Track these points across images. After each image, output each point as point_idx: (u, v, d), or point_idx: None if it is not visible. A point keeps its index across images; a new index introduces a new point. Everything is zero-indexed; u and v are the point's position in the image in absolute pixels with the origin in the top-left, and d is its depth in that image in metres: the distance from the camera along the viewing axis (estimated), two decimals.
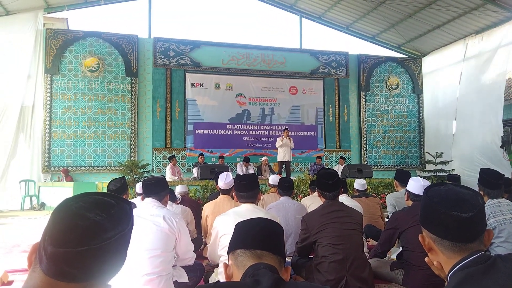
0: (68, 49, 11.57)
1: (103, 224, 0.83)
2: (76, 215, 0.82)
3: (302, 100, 13.62)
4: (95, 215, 0.83)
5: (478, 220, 1.12)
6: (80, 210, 0.83)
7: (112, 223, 0.84)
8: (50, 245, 0.79)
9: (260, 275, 1.14)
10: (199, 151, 12.05)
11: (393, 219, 3.24)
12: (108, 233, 0.82)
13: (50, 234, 0.80)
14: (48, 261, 0.79)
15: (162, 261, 2.54)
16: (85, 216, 0.82)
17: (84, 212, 0.83)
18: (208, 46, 12.88)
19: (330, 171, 3.27)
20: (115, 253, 0.85)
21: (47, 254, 0.79)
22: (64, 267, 0.78)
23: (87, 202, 0.86)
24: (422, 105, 14.65)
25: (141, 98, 12.15)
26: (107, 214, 0.85)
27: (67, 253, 0.78)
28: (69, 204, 0.85)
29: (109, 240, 0.82)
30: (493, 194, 3.23)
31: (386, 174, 12.83)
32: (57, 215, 0.83)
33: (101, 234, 0.81)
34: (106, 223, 0.83)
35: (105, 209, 0.85)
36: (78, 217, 0.81)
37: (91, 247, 0.79)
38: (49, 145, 11.19)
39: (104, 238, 0.81)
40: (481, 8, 11.40)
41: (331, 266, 2.85)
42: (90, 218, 0.82)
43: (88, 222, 0.81)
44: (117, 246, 0.85)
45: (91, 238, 0.80)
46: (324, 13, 14.26)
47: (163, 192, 2.87)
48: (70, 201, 0.86)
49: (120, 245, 0.86)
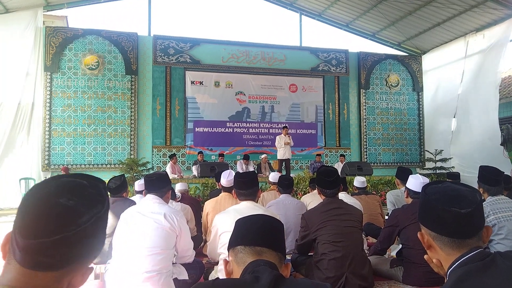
0: (67, 47, 11.56)
1: (77, 209, 0.77)
2: (47, 202, 0.77)
3: (302, 98, 13.62)
4: (66, 200, 0.77)
5: (476, 216, 1.12)
6: (50, 197, 0.77)
7: (86, 206, 0.79)
8: (21, 237, 0.74)
9: (260, 272, 1.14)
10: (199, 149, 12.05)
11: (393, 216, 3.24)
12: (83, 217, 0.77)
13: (20, 225, 0.76)
14: (21, 253, 0.75)
15: (162, 258, 2.54)
16: (57, 202, 0.77)
17: (55, 198, 0.77)
18: (208, 44, 12.86)
19: (330, 168, 3.28)
20: (93, 236, 0.81)
21: (19, 246, 0.75)
22: (40, 257, 0.75)
23: (57, 187, 0.80)
24: (422, 103, 14.64)
25: (141, 96, 12.14)
26: (80, 197, 0.79)
27: (41, 243, 0.73)
28: (38, 191, 0.79)
29: (85, 225, 0.77)
30: (493, 191, 3.23)
31: (386, 171, 12.81)
32: (26, 204, 0.78)
33: (75, 219, 0.76)
34: (80, 207, 0.78)
35: (77, 192, 0.80)
36: (49, 205, 0.76)
37: (66, 234, 0.74)
38: (49, 143, 11.19)
39: (79, 223, 0.76)
40: (482, 6, 11.38)
41: (331, 264, 2.85)
42: (62, 204, 0.76)
43: (60, 209, 0.76)
44: (94, 230, 0.80)
45: (65, 225, 0.75)
46: (324, 11, 14.23)
47: (164, 189, 2.85)
48: (39, 188, 0.80)
49: (97, 228, 0.81)
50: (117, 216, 2.82)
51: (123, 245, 2.59)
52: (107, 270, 2.71)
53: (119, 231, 2.67)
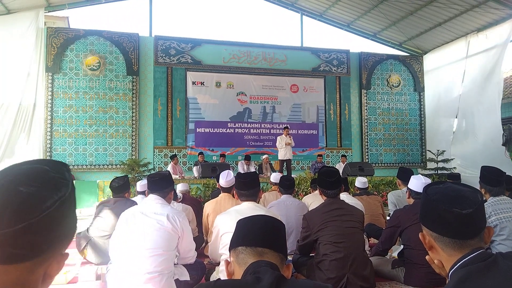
0: (69, 48, 11.58)
1: (40, 194, 0.74)
2: (6, 191, 0.72)
3: (303, 98, 13.61)
4: (27, 186, 0.73)
5: (478, 217, 1.12)
6: (10, 185, 0.73)
7: (49, 190, 0.75)
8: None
9: (261, 273, 1.14)
10: (200, 149, 12.05)
11: (395, 217, 3.24)
12: (46, 202, 0.74)
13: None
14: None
15: (164, 260, 2.54)
16: (17, 190, 0.73)
17: (15, 186, 0.73)
18: (209, 44, 12.87)
19: (332, 169, 3.28)
20: (61, 221, 0.77)
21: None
22: (8, 249, 0.71)
23: (16, 175, 0.76)
24: (423, 103, 14.62)
25: (142, 96, 12.15)
26: (42, 183, 0.75)
27: (6, 234, 0.70)
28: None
29: (49, 210, 0.74)
30: (495, 192, 3.23)
31: (387, 172, 12.80)
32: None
33: (38, 205, 0.73)
34: (43, 192, 0.74)
35: (39, 178, 0.76)
36: (8, 193, 0.72)
37: (30, 221, 0.71)
38: (51, 143, 11.21)
39: (43, 208, 0.73)
40: (483, 6, 11.36)
41: (332, 264, 2.85)
42: (22, 191, 0.73)
43: (21, 196, 0.72)
44: (61, 214, 0.77)
45: (28, 212, 0.71)
46: (325, 11, 14.23)
47: (167, 189, 2.85)
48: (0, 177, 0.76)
49: (65, 212, 0.78)
50: (118, 216, 2.82)
51: (124, 246, 2.59)
52: (108, 270, 2.71)
53: (119, 231, 2.67)
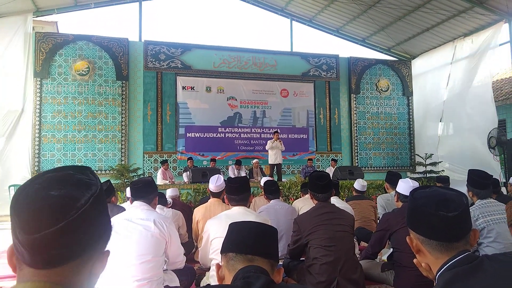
0: (58, 53, 11.48)
1: (71, 194, 0.76)
2: (38, 197, 0.74)
3: (293, 102, 13.66)
4: (57, 190, 0.76)
5: (463, 219, 1.14)
6: (40, 191, 0.75)
7: (79, 190, 0.78)
8: (24, 234, 0.72)
9: (251, 278, 1.15)
10: (190, 154, 12.01)
11: (384, 220, 3.26)
12: (80, 200, 0.76)
13: (18, 226, 0.73)
14: (30, 253, 0.72)
15: (152, 266, 2.52)
16: (48, 195, 0.75)
17: (46, 191, 0.75)
18: (199, 49, 12.86)
19: (322, 173, 3.29)
20: (97, 218, 0.80)
21: (25, 246, 0.72)
22: (50, 251, 0.73)
23: (43, 182, 0.78)
24: (412, 107, 14.76)
25: (131, 101, 12.09)
26: (70, 185, 0.78)
27: (47, 235, 0.71)
28: (26, 191, 0.77)
29: (84, 207, 0.76)
30: (482, 195, 3.27)
31: (377, 176, 12.87)
32: (18, 205, 0.75)
33: (72, 204, 0.75)
34: (74, 192, 0.77)
35: (66, 181, 0.78)
36: (41, 199, 0.74)
37: (68, 220, 0.73)
38: (39, 149, 11.08)
39: (78, 206, 0.75)
40: (469, 11, 11.55)
41: (323, 268, 2.86)
42: (54, 195, 0.75)
43: (54, 199, 0.74)
44: (96, 211, 0.79)
45: (64, 212, 0.74)
46: (314, 16, 14.33)
47: (151, 195, 2.81)
48: (25, 188, 0.78)
49: (98, 208, 0.80)
50: None
51: (112, 253, 2.56)
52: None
53: None
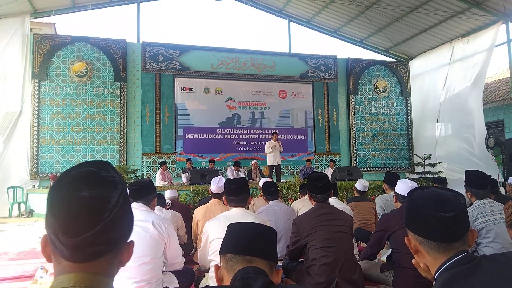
0: (55, 54, 11.47)
1: (101, 196, 0.82)
2: (70, 199, 0.80)
3: (292, 103, 13.68)
4: (88, 191, 0.81)
5: (461, 219, 1.14)
6: (70, 193, 0.81)
7: (107, 190, 0.84)
8: (67, 238, 0.78)
9: (250, 278, 1.15)
10: (189, 155, 12.01)
11: (383, 221, 3.26)
12: (111, 201, 0.83)
13: (60, 229, 0.79)
14: (72, 251, 0.79)
15: (151, 268, 2.51)
16: (80, 196, 0.80)
17: (75, 192, 0.81)
18: (197, 51, 12.87)
19: (320, 174, 3.30)
20: (126, 214, 0.87)
21: (66, 246, 0.79)
22: (90, 249, 0.80)
23: (71, 182, 0.83)
24: (410, 108, 14.79)
25: (130, 103, 12.08)
26: (98, 184, 0.83)
27: (86, 238, 0.78)
28: (57, 192, 0.83)
29: (116, 208, 0.83)
30: (480, 195, 3.27)
31: (375, 176, 12.89)
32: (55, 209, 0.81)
33: (105, 206, 0.81)
34: (103, 194, 0.83)
35: (92, 180, 0.84)
36: (76, 201, 0.80)
37: (105, 221, 0.80)
38: (37, 151, 11.06)
39: (111, 208, 0.82)
40: (467, 12, 11.58)
41: (322, 269, 2.86)
42: (86, 197, 0.80)
43: (88, 202, 0.80)
44: (124, 208, 0.86)
45: (99, 214, 0.80)
46: (312, 17, 14.36)
47: (150, 196, 2.82)
48: (55, 189, 0.83)
49: (127, 205, 0.88)
50: None
51: None
52: None
53: None
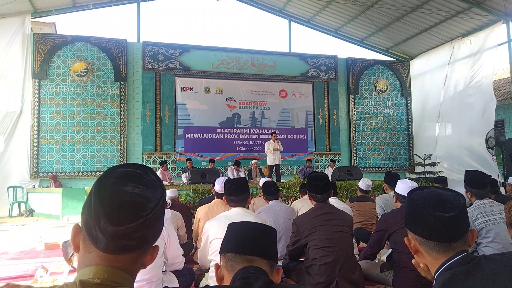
0: (56, 54, 11.48)
1: (145, 195, 0.87)
2: (117, 191, 0.85)
3: (292, 103, 13.68)
4: (132, 187, 0.86)
5: (461, 219, 1.14)
6: (116, 186, 0.86)
7: (151, 191, 0.88)
8: (111, 225, 0.82)
9: (250, 278, 1.15)
10: (189, 155, 12.01)
11: (382, 221, 3.26)
12: (152, 201, 0.87)
13: (104, 214, 0.82)
14: (109, 240, 0.83)
15: (151, 267, 2.51)
16: (125, 191, 0.85)
17: (121, 186, 0.86)
18: (197, 50, 12.87)
19: (320, 174, 3.29)
20: (161, 217, 0.92)
21: (105, 233, 0.82)
22: (124, 241, 0.84)
23: (118, 178, 0.88)
24: (410, 108, 14.79)
25: (130, 102, 12.09)
26: (142, 184, 0.88)
27: (128, 228, 0.82)
28: (104, 182, 0.87)
29: (157, 208, 0.87)
30: (480, 194, 3.27)
31: (376, 176, 12.89)
32: (101, 195, 0.85)
33: (147, 204, 0.86)
34: (146, 193, 0.87)
35: (138, 180, 0.89)
36: (121, 193, 0.85)
37: (146, 218, 0.84)
38: (38, 150, 11.06)
39: (152, 206, 0.86)
40: (467, 12, 11.58)
41: (322, 269, 2.86)
42: (131, 192, 0.86)
43: (132, 197, 0.85)
44: (161, 210, 0.90)
45: (142, 210, 0.85)
46: (312, 17, 14.35)
47: None
48: (102, 180, 0.88)
49: (163, 209, 0.92)
50: None
51: None
52: None
53: None
